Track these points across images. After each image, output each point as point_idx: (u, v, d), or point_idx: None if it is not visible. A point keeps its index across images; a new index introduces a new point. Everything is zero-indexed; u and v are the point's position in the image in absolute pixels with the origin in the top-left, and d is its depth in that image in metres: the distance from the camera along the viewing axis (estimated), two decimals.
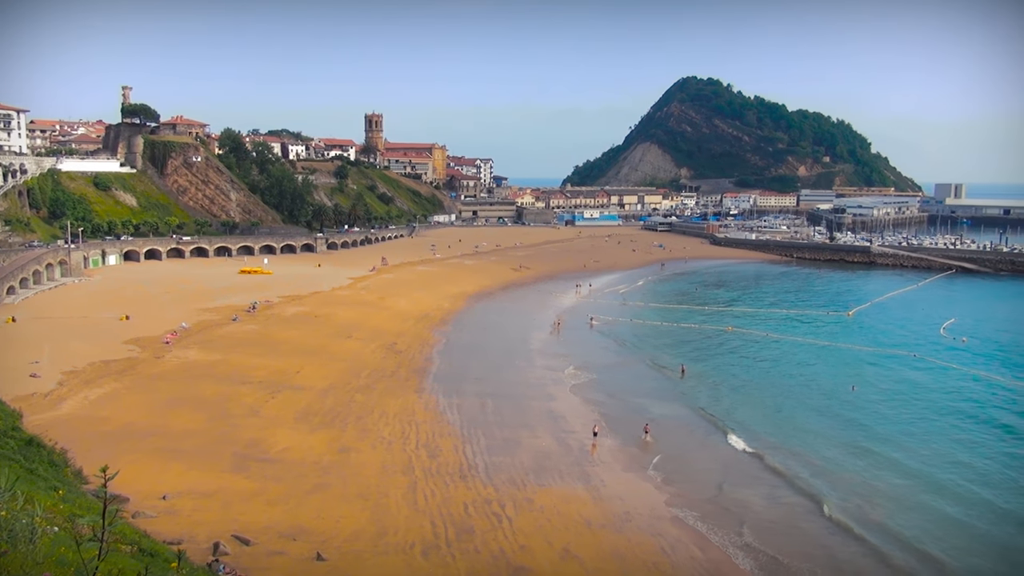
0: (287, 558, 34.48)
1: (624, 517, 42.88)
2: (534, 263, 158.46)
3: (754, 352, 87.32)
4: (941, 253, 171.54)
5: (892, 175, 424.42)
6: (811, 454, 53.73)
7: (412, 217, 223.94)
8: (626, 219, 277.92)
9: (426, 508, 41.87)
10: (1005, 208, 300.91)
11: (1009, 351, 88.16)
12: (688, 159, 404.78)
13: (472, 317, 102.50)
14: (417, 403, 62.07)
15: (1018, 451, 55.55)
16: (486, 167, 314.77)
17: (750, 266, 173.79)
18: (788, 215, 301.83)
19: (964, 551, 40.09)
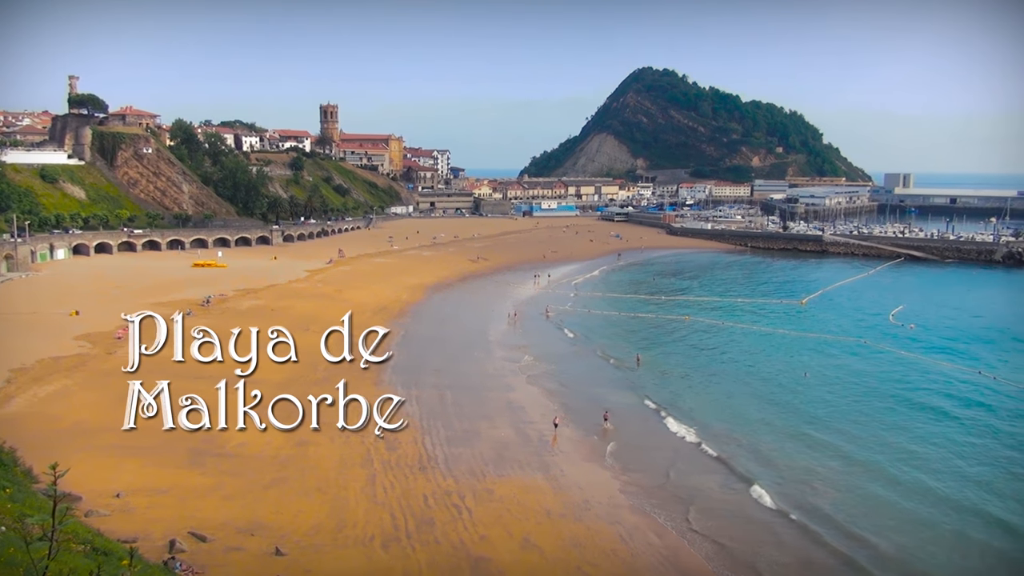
0: (245, 553, 34.20)
1: (583, 506, 43.27)
2: (492, 254, 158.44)
3: (710, 341, 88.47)
4: (890, 241, 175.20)
5: (843, 165, 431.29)
6: (760, 442, 54.55)
7: (369, 209, 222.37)
8: (583, 210, 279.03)
9: (385, 500, 41.80)
10: (951, 197, 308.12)
11: (954, 337, 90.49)
12: (644, 150, 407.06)
13: (430, 309, 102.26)
14: (376, 394, 61.59)
15: (959, 436, 56.97)
16: (443, 158, 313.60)
17: (706, 255, 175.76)
18: (743, 205, 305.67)
19: (899, 533, 41.02)
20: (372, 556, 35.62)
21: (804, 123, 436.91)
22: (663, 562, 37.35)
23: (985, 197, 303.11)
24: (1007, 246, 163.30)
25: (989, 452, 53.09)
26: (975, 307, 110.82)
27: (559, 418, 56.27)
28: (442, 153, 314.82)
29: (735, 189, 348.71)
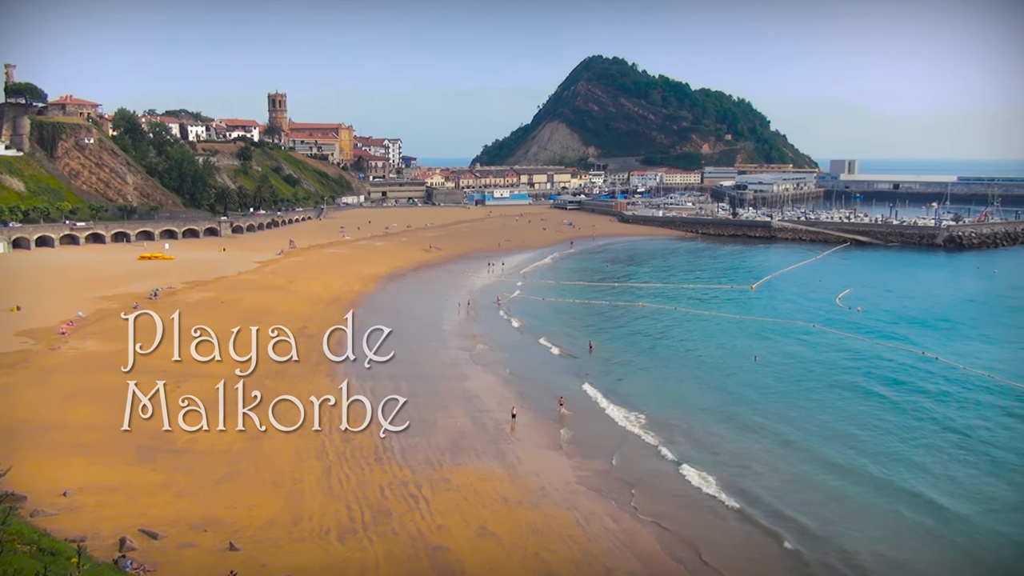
0: (198, 550, 33.71)
1: (540, 492, 43.50)
2: (445, 243, 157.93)
3: (662, 327, 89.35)
4: (836, 227, 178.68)
5: (790, 152, 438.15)
6: (706, 427, 55.22)
7: (320, 199, 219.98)
8: (536, 198, 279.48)
9: (341, 492, 41.54)
10: (895, 183, 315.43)
11: (899, 320, 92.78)
12: (596, 138, 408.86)
13: (384, 299, 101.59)
14: (330, 387, 61.09)
15: (899, 417, 58.39)
16: (394, 147, 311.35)
17: (658, 242, 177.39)
18: (693, 192, 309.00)
19: (829, 512, 41.94)
20: (329, 549, 35.39)
21: (752, 110, 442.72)
22: (620, 546, 37.74)
23: (927, 183, 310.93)
24: (948, 230, 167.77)
25: (924, 432, 54.36)
26: (918, 290, 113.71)
27: (516, 408, 56.32)
28: (393, 142, 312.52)
29: (685, 176, 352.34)
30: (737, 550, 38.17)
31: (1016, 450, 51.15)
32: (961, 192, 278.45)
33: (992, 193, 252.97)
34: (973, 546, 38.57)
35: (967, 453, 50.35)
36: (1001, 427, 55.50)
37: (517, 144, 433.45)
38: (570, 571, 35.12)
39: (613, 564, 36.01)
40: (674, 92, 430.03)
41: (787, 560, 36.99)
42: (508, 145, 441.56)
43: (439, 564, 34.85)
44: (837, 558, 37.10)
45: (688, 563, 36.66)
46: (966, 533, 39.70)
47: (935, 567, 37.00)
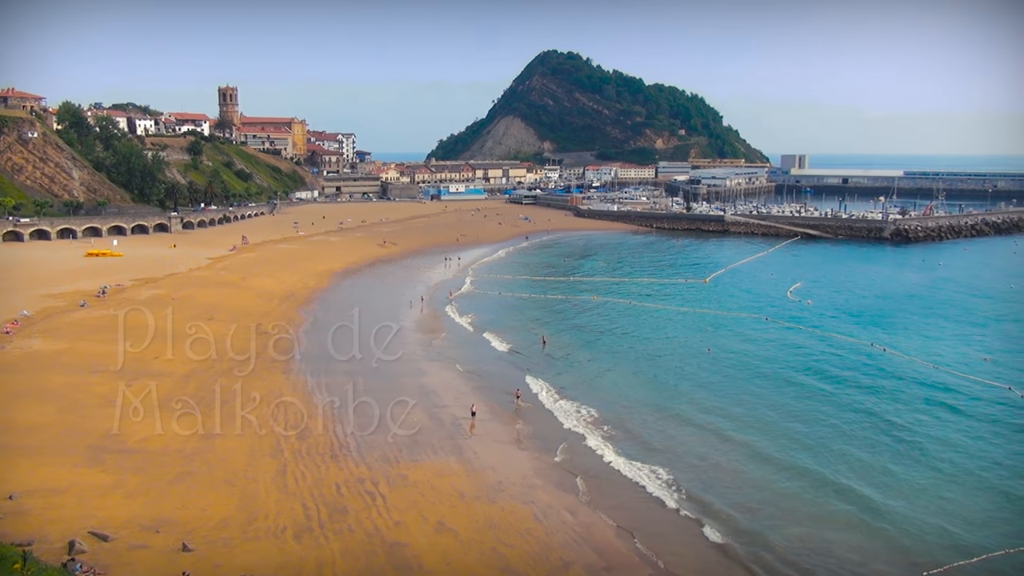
0: (150, 551, 33.17)
1: (497, 487, 43.61)
2: (401, 239, 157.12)
3: (617, 320, 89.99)
4: (788, 221, 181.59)
5: (743, 147, 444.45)
6: (658, 421, 55.92)
7: (273, 194, 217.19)
8: (492, 193, 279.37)
9: (297, 490, 41.17)
10: (843, 177, 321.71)
11: (848, 311, 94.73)
12: (551, 132, 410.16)
13: (339, 295, 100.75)
14: (285, 384, 60.67)
15: (842, 409, 59.63)
16: (348, 142, 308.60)
17: (613, 236, 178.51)
18: (647, 186, 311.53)
19: (759, 503, 42.70)
20: (284, 547, 35.06)
21: (705, 106, 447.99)
22: (577, 539, 38.01)
23: (874, 177, 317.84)
24: (894, 223, 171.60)
25: (864, 425, 55.47)
26: (866, 283, 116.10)
27: (476, 405, 56.16)
28: (347, 137, 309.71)
29: (640, 171, 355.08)
30: (674, 541, 38.68)
31: (950, 441, 52.55)
32: (907, 186, 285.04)
33: (937, 187, 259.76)
34: (897, 534, 39.40)
35: (904, 445, 51.49)
36: (938, 419, 56.98)
37: (472, 139, 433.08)
38: (528, 564, 35.27)
39: (571, 557, 36.25)
40: (628, 87, 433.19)
41: (715, 552, 37.51)
42: (463, 140, 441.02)
43: (396, 560, 34.75)
44: (762, 546, 37.90)
45: (645, 556, 37.07)
46: (893, 522, 40.55)
47: (855, 553, 37.64)
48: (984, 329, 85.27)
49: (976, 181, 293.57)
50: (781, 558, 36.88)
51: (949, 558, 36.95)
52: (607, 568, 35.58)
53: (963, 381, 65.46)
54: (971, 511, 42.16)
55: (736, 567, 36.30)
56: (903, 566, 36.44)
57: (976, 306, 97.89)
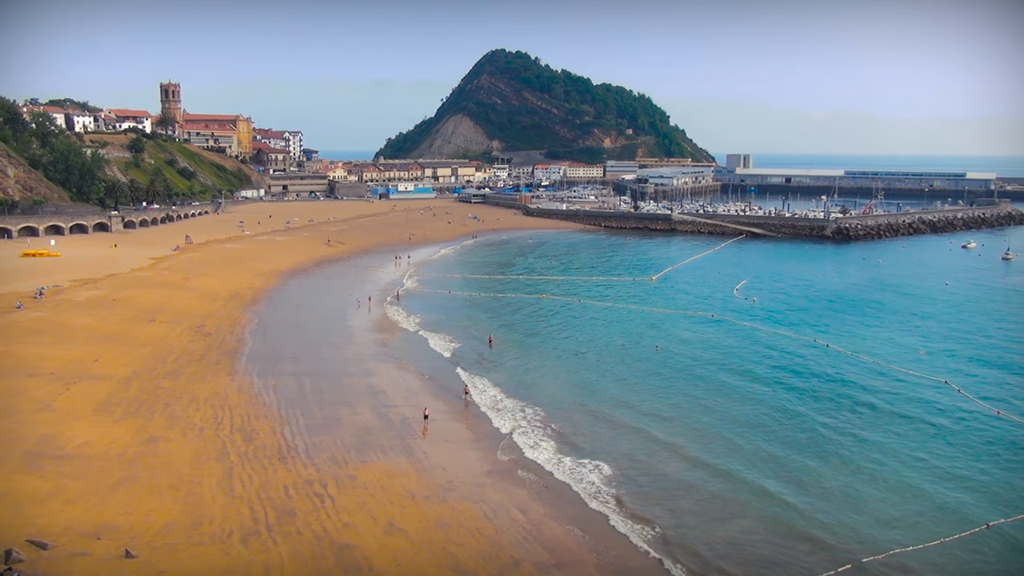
0: (92, 559, 32.37)
1: (447, 486, 43.54)
2: (349, 238, 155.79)
3: (565, 319, 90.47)
4: (733, 219, 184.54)
5: (689, 146, 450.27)
6: (604, 419, 56.23)
7: (217, 193, 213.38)
8: (440, 191, 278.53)
9: (244, 494, 40.58)
10: (787, 177, 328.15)
11: (792, 308, 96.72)
12: (500, 131, 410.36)
13: (286, 295, 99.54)
14: (230, 386, 59.72)
15: (782, 404, 60.93)
16: (295, 140, 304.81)
17: (561, 235, 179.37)
18: (596, 185, 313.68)
19: (687, 506, 42.79)
20: (231, 552, 34.52)
21: (652, 106, 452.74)
22: (527, 537, 38.14)
23: (816, 176, 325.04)
24: (836, 222, 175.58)
25: (802, 421, 56.66)
26: (809, 280, 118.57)
27: (428, 409, 55.68)
28: (294, 135, 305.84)
29: (588, 170, 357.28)
30: (617, 538, 38.93)
31: (881, 437, 53.92)
32: (848, 186, 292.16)
33: (876, 187, 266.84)
34: (819, 531, 39.78)
35: (836, 442, 52.43)
36: (875, 414, 58.33)
37: (421, 137, 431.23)
38: (478, 564, 35.28)
39: (521, 555, 36.36)
40: (576, 87, 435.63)
41: (644, 559, 37.33)
42: (412, 138, 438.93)
43: (346, 562, 34.47)
44: (692, 544, 38.22)
45: (593, 553, 37.36)
46: (812, 519, 40.95)
47: (778, 550, 38.10)
48: (921, 325, 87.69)
49: (913, 181, 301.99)
50: (707, 556, 37.23)
51: (863, 553, 37.54)
52: (556, 565, 35.75)
53: (901, 376, 67.25)
54: (893, 507, 42.92)
55: (670, 563, 36.57)
56: (825, 563, 36.73)
57: (913, 303, 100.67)
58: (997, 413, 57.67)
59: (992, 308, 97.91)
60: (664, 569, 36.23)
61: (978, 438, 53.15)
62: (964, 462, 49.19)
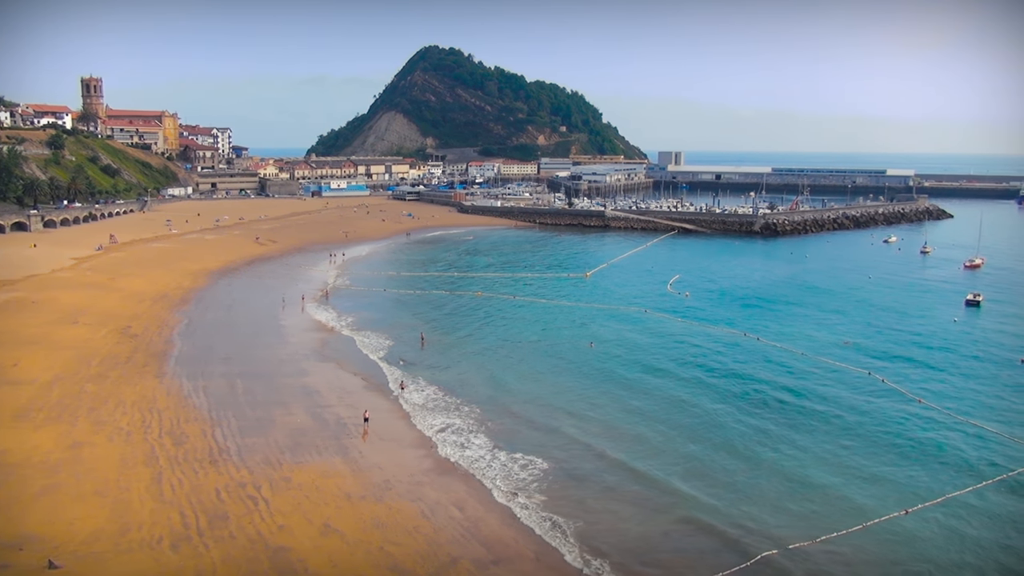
0: (12, 570, 31.28)
1: (384, 486, 43.24)
2: (281, 236, 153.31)
3: (499, 315, 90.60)
4: (665, 216, 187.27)
5: (622, 144, 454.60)
6: (537, 416, 56.28)
7: (143, 190, 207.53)
8: (374, 189, 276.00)
9: (174, 499, 39.65)
10: (717, 174, 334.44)
11: (723, 303, 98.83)
12: (433, 128, 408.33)
13: (216, 295, 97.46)
14: (158, 389, 58.23)
15: (712, 404, 62.18)
16: (224, 136, 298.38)
17: (496, 232, 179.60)
18: (530, 182, 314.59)
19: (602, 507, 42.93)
20: (161, 558, 33.71)
21: (585, 103, 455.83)
22: (465, 534, 38.15)
23: (745, 173, 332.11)
24: (764, 218, 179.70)
25: (730, 415, 57.93)
26: (739, 275, 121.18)
27: (368, 411, 54.60)
28: (222, 131, 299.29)
29: (523, 167, 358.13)
30: (551, 535, 39.02)
31: (803, 429, 55.56)
32: (775, 182, 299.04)
33: (802, 183, 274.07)
34: (727, 526, 40.22)
35: (764, 437, 53.60)
36: (798, 404, 59.93)
37: (354, 134, 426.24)
38: (416, 562, 35.15)
39: (459, 552, 36.35)
40: (510, 84, 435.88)
41: (550, 557, 37.29)
42: (345, 135, 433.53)
43: (280, 565, 33.98)
44: (607, 543, 38.26)
45: (530, 548, 37.56)
46: (719, 515, 41.34)
47: (690, 546, 38.63)
48: (846, 318, 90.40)
49: (837, 177, 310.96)
50: (623, 551, 37.57)
51: (771, 546, 37.88)
52: (494, 561, 35.85)
53: (827, 367, 69.29)
54: (807, 498, 43.64)
55: (595, 559, 36.80)
56: (734, 557, 37.06)
57: (838, 296, 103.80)
58: (919, 401, 59.85)
59: (911, 300, 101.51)
60: (586, 562, 36.51)
61: (901, 426, 55.02)
62: (886, 449, 50.86)
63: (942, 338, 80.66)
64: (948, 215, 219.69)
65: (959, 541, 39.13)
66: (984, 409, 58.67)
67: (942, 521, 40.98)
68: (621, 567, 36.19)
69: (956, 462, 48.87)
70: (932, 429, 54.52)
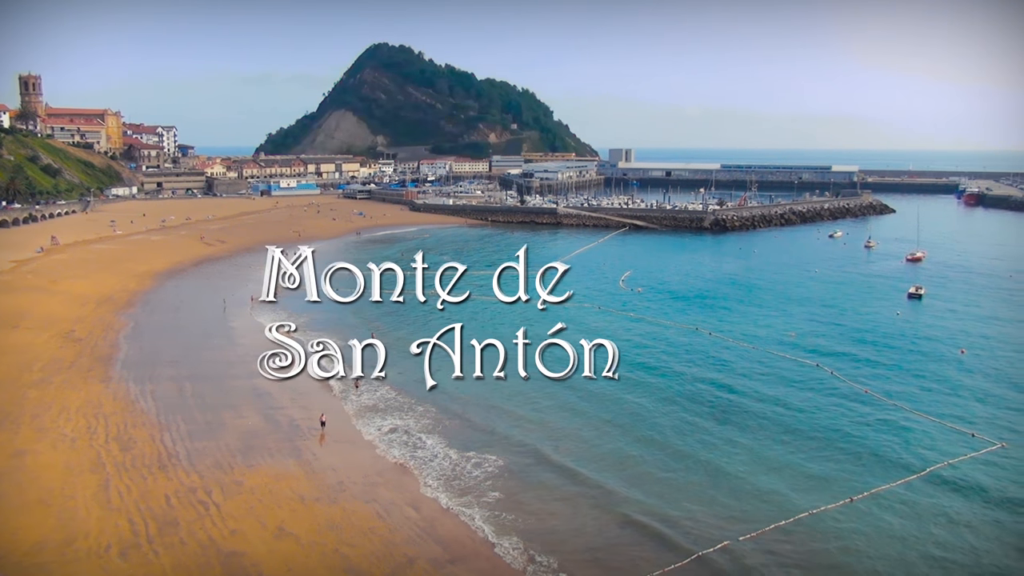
0: None
1: (338, 487, 42.87)
2: (230, 236, 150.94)
3: (450, 314, 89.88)
4: (617, 212, 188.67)
5: (573, 141, 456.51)
6: (491, 415, 56.01)
7: (86, 191, 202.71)
8: (325, 188, 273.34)
9: (121, 506, 38.82)
10: (667, 170, 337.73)
11: (675, 298, 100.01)
12: (384, 126, 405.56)
13: (163, 296, 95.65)
14: (104, 393, 56.95)
15: (657, 394, 62.81)
16: (169, 135, 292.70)
17: (449, 230, 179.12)
18: (482, 180, 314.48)
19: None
20: (109, 567, 33.00)
21: (536, 101, 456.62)
22: (420, 534, 38.03)
23: (694, 170, 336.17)
24: (713, 214, 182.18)
25: (678, 409, 58.67)
26: (691, 269, 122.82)
27: (325, 415, 53.63)
28: (168, 130, 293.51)
29: (474, 165, 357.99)
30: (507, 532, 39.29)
31: (750, 422, 56.55)
32: (724, 178, 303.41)
33: (750, 179, 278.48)
34: (659, 525, 40.43)
35: (712, 431, 54.57)
36: (749, 398, 60.82)
37: (303, 133, 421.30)
38: (371, 563, 34.94)
39: (415, 552, 36.22)
40: (460, 81, 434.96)
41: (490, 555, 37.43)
42: (294, 134, 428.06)
43: (233, 570, 33.51)
44: (548, 547, 37.82)
45: (487, 546, 37.57)
46: (652, 514, 41.45)
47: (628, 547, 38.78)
48: (794, 311, 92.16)
49: (783, 173, 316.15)
50: (571, 556, 37.25)
51: (701, 545, 37.73)
52: (451, 560, 35.80)
53: (776, 360, 70.50)
54: (738, 497, 43.75)
55: (540, 556, 36.92)
56: (672, 552, 37.20)
57: (786, 289, 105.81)
58: (865, 392, 61.27)
59: (856, 294, 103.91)
60: (530, 558, 36.62)
61: (847, 417, 56.14)
62: (828, 442, 51.66)
63: (886, 331, 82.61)
64: (891, 210, 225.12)
65: (895, 533, 39.70)
66: (926, 399, 60.21)
67: (878, 513, 41.53)
68: (564, 567, 35.93)
69: (896, 452, 49.84)
70: (876, 420, 55.70)
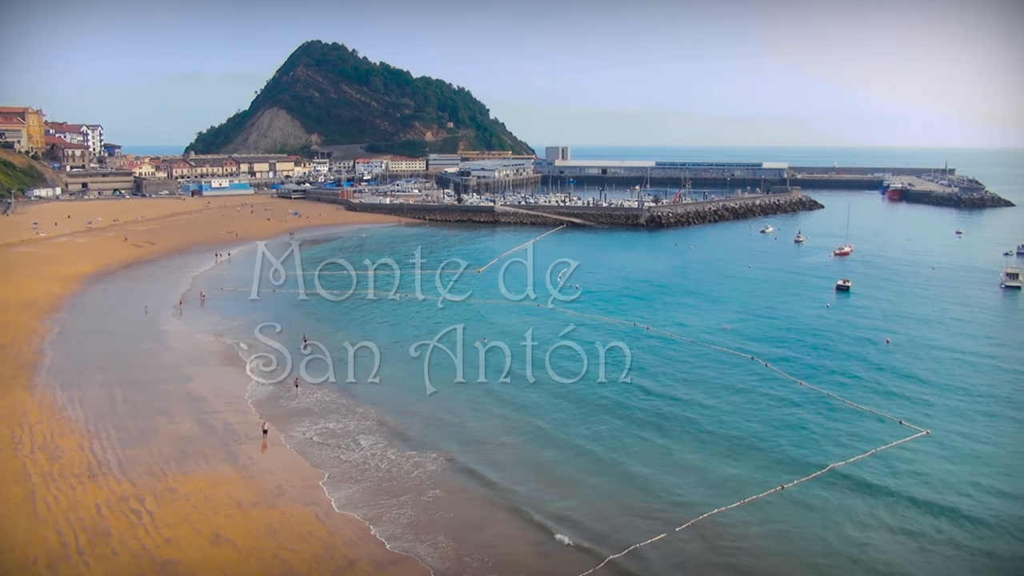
0: None
1: (276, 491, 42.22)
2: (160, 238, 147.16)
3: (389, 314, 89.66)
4: (554, 210, 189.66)
5: (510, 139, 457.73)
6: (435, 414, 56.13)
7: (6, 192, 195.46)
8: (258, 187, 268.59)
9: (49, 517, 37.58)
10: (603, 168, 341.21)
11: (612, 294, 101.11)
12: (318, 125, 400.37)
13: (90, 300, 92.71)
14: (28, 402, 55.02)
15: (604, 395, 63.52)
16: (95, 134, 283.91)
17: (386, 229, 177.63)
18: (419, 179, 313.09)
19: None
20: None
21: (472, 99, 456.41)
22: (361, 535, 37.75)
23: (630, 168, 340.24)
24: (649, 211, 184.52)
25: (617, 405, 59.58)
26: (628, 266, 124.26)
27: (267, 424, 52.28)
28: (93, 129, 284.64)
29: (411, 163, 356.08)
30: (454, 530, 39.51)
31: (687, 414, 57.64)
32: (659, 176, 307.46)
33: (684, 176, 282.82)
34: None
35: (653, 422, 55.69)
36: (688, 390, 62.20)
37: (235, 131, 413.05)
38: (311, 567, 34.50)
39: (356, 554, 35.90)
40: (395, 79, 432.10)
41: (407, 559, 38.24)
42: (225, 132, 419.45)
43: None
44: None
45: (430, 547, 37.41)
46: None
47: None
48: (728, 305, 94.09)
49: (716, 171, 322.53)
50: (493, 561, 37.02)
51: (615, 550, 37.88)
52: (393, 562, 35.54)
53: (712, 353, 71.89)
54: (691, 481, 45.16)
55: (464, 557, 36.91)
56: (587, 557, 37.08)
57: (720, 284, 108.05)
58: (800, 384, 62.77)
59: (787, 287, 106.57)
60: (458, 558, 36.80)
61: (783, 409, 57.52)
62: (767, 428, 53.15)
63: (816, 323, 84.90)
64: (820, 205, 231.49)
65: (822, 521, 40.54)
66: (856, 388, 62.09)
67: (807, 502, 42.45)
68: (479, 570, 35.54)
69: (824, 440, 51.40)
70: (809, 412, 57.20)
